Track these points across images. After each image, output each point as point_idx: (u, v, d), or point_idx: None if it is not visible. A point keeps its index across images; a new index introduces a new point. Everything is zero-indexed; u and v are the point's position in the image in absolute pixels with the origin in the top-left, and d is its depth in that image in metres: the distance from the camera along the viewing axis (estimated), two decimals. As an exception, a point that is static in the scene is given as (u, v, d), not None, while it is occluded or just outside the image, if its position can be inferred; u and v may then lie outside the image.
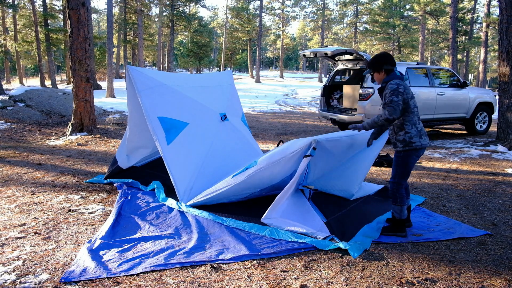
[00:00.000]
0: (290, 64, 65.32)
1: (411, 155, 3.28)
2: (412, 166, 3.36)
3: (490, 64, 40.81)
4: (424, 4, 25.67)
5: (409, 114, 3.25)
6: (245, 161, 4.96)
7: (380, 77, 3.36)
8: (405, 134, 3.25)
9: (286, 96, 24.29)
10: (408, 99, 3.22)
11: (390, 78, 3.29)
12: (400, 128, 3.28)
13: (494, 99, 9.66)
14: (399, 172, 3.33)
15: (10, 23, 31.20)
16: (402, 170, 3.33)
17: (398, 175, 3.34)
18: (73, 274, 2.64)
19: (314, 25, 44.18)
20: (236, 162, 4.87)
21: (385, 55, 3.36)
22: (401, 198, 3.35)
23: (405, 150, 3.27)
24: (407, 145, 3.25)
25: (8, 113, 10.31)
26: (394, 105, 3.09)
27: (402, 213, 3.37)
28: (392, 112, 3.09)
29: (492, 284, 2.63)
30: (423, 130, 3.34)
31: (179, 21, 33.72)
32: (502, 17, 7.52)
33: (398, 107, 3.10)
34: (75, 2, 8.01)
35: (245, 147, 5.09)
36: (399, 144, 3.29)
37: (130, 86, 4.45)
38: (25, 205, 4.10)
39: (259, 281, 2.62)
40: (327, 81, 9.42)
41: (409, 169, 3.34)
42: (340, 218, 3.65)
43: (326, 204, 3.94)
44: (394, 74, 3.30)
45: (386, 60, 3.31)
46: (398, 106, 3.10)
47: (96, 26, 57.84)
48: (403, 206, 3.37)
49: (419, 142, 3.26)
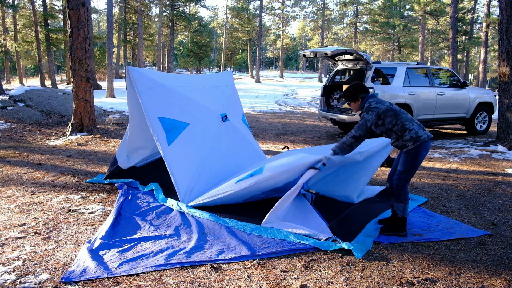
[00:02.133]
0: (290, 64, 65.31)
1: (421, 150, 3.31)
2: (421, 161, 3.39)
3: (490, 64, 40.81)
4: (424, 4, 25.67)
5: (400, 115, 3.34)
6: (245, 161, 4.96)
7: (357, 105, 3.52)
8: (410, 132, 3.30)
9: (286, 96, 24.28)
10: (387, 107, 3.35)
11: (365, 101, 3.46)
12: (402, 130, 3.32)
13: (494, 99, 9.66)
14: (408, 169, 3.36)
15: (10, 23, 31.19)
16: (411, 167, 3.36)
17: (406, 172, 3.36)
18: (73, 274, 2.64)
19: (314, 25, 44.18)
20: (237, 162, 4.87)
21: (357, 86, 3.53)
22: (406, 195, 3.38)
23: (416, 147, 3.30)
24: (417, 140, 3.28)
25: (8, 113, 10.31)
26: (361, 122, 3.32)
27: (405, 211, 3.39)
28: (358, 129, 3.31)
29: (492, 284, 2.63)
30: (421, 124, 3.44)
31: (179, 21, 33.72)
32: (502, 17, 7.52)
33: (366, 123, 3.30)
34: (75, 2, 8.01)
35: (246, 147, 5.09)
36: (409, 144, 3.30)
37: (130, 86, 4.45)
38: (25, 205, 4.11)
39: (259, 281, 2.62)
40: (327, 81, 9.42)
41: (417, 165, 3.38)
42: (342, 220, 3.63)
43: (328, 207, 3.93)
44: (367, 97, 3.46)
45: (359, 90, 3.50)
46: (365, 123, 3.30)
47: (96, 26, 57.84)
48: (407, 204, 3.39)
49: (425, 134, 3.32)
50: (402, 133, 3.32)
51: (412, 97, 8.34)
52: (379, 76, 8.52)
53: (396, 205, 3.40)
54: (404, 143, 3.33)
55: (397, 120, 3.32)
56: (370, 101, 3.39)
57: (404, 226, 3.41)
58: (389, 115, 3.32)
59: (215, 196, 3.82)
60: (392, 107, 3.37)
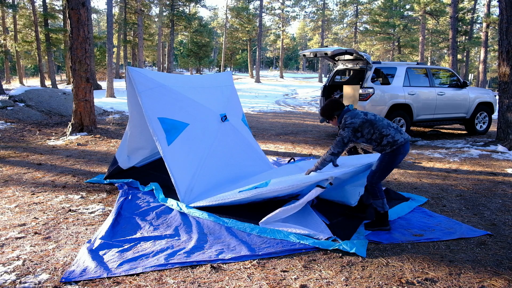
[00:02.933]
0: (290, 64, 65.31)
1: (397, 154, 3.45)
2: (397, 164, 3.53)
3: (490, 64, 40.80)
4: (424, 4, 25.67)
5: (377, 124, 3.47)
6: (245, 161, 4.96)
7: (335, 122, 3.66)
8: (387, 138, 3.43)
9: (286, 96, 24.28)
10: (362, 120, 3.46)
11: (341, 118, 3.59)
12: (380, 138, 3.46)
13: (494, 99, 9.67)
14: (383, 169, 3.50)
15: (10, 23, 31.19)
16: (386, 168, 3.50)
17: (380, 172, 3.50)
18: (73, 274, 2.64)
19: (314, 25, 44.19)
20: (237, 162, 4.87)
21: (332, 104, 3.63)
22: (381, 191, 3.53)
23: (392, 150, 3.44)
24: (393, 144, 3.42)
25: (8, 113, 10.31)
26: (339, 139, 3.47)
27: (384, 205, 3.51)
28: (336, 146, 3.49)
29: (492, 284, 2.63)
30: (399, 127, 3.54)
31: (179, 21, 33.73)
32: (502, 17, 7.52)
33: (343, 140, 3.45)
34: (75, 2, 8.01)
35: (245, 147, 5.10)
36: (387, 148, 3.46)
37: (130, 87, 4.45)
38: (25, 205, 4.10)
39: (259, 281, 2.62)
40: (327, 81, 9.42)
41: (393, 167, 3.53)
42: (342, 222, 3.64)
43: (327, 209, 3.92)
44: (342, 113, 3.58)
45: (333, 108, 3.61)
46: (342, 140, 3.45)
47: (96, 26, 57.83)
48: (384, 199, 3.53)
49: (401, 138, 3.44)
50: (380, 140, 3.47)
51: (412, 97, 8.34)
52: (379, 76, 8.52)
53: (375, 203, 3.52)
54: (382, 148, 3.49)
55: (374, 129, 3.46)
56: (345, 117, 3.52)
57: (386, 220, 3.53)
58: (365, 126, 3.47)
59: (216, 201, 3.83)
60: (367, 118, 3.49)
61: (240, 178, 4.80)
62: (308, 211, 3.75)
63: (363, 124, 3.46)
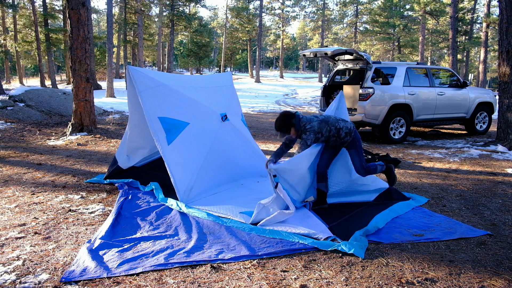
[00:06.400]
0: (290, 64, 65.29)
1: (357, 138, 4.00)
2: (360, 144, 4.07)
3: (490, 64, 40.79)
4: (424, 4, 25.66)
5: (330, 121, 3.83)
6: (245, 160, 4.96)
7: (294, 131, 3.84)
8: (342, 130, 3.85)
9: (286, 96, 24.29)
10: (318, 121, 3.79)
11: (298, 126, 3.80)
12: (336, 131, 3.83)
13: (494, 99, 9.66)
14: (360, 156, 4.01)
15: (10, 23, 31.18)
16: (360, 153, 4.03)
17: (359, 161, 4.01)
18: (73, 274, 2.64)
19: (314, 25, 44.17)
20: (237, 162, 4.87)
21: (283, 118, 3.81)
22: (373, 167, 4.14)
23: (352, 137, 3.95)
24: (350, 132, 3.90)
25: (8, 113, 10.31)
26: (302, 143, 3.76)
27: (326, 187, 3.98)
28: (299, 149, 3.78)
29: (492, 284, 2.63)
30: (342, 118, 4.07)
31: (179, 21, 33.71)
32: (502, 17, 7.51)
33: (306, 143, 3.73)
34: (75, 2, 8.01)
35: (245, 147, 5.10)
36: (347, 138, 3.88)
37: (130, 86, 4.45)
38: (25, 205, 4.10)
39: (259, 281, 2.62)
40: (327, 81, 9.42)
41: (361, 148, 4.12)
42: (342, 223, 3.61)
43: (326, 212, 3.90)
44: (296, 119, 3.79)
45: (287, 118, 3.80)
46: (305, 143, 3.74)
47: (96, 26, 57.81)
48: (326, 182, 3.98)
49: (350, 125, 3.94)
50: (338, 134, 3.83)
51: (412, 97, 8.34)
52: (379, 76, 8.52)
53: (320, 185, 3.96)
54: (342, 141, 3.88)
55: (330, 126, 3.81)
56: (303, 124, 3.77)
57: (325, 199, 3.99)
58: (323, 126, 3.78)
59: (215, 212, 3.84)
60: (320, 118, 3.82)
61: (240, 178, 4.80)
62: (308, 214, 3.75)
63: (320, 125, 3.77)
